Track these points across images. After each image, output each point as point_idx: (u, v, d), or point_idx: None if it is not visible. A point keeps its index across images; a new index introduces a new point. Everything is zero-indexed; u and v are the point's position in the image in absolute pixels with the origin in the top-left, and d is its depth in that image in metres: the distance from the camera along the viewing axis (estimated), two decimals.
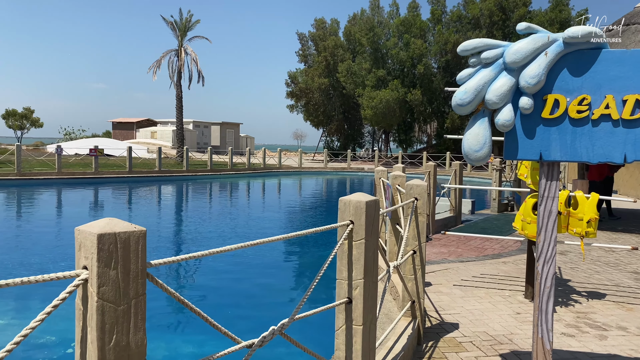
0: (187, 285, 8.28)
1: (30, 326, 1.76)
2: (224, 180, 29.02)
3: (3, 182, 22.58)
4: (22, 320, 6.38)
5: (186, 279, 8.67)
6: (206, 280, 8.50)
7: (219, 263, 9.30)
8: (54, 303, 1.79)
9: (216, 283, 8.27)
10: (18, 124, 64.66)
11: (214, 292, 7.72)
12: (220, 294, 7.65)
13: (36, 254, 9.92)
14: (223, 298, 7.48)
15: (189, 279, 8.68)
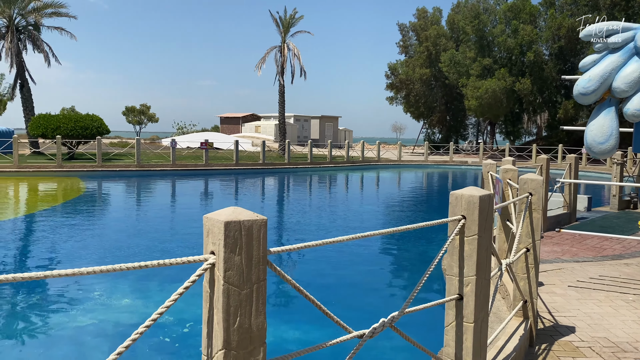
0: (296, 273, 8.54)
1: (165, 305, 1.92)
2: (324, 173, 29.49)
3: (125, 173, 24.71)
4: (143, 300, 6.96)
5: (295, 267, 8.94)
6: (312, 270, 8.72)
7: (323, 254, 9.49)
8: (185, 285, 1.94)
9: (320, 273, 8.45)
10: (137, 120, 70.30)
11: (319, 282, 7.91)
12: (325, 285, 7.81)
13: (157, 239, 10.76)
14: (328, 288, 7.64)
15: (298, 267, 8.95)
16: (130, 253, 9.42)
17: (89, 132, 28.30)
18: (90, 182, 21.92)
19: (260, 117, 64.09)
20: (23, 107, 33.23)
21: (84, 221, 13.00)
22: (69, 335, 5.69)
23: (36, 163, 25.05)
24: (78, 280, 7.55)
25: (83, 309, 6.47)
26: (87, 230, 11.78)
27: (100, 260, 8.84)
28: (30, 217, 13.60)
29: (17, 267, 8.65)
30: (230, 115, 64.21)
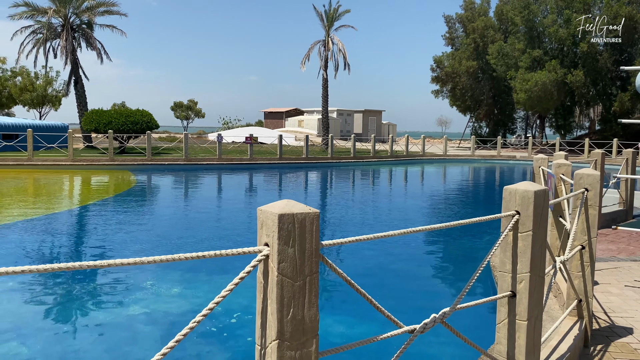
0: (343, 267, 8.56)
1: (222, 295, 1.96)
2: (367, 168, 29.37)
3: (173, 167, 25.36)
4: (191, 290, 7.13)
5: (342, 261, 8.96)
6: (358, 264, 8.72)
7: (368, 249, 9.47)
8: (240, 275, 1.97)
9: (366, 267, 8.44)
10: (184, 115, 71.93)
11: (365, 276, 7.90)
12: (371, 279, 7.80)
13: (206, 231, 11.01)
14: (374, 283, 7.62)
15: (345, 261, 8.97)
16: (180, 244, 9.67)
17: (139, 126, 29.19)
18: (140, 175, 22.62)
19: (303, 111, 64.39)
20: (77, 103, 34.60)
21: (136, 213, 13.44)
22: (122, 323, 5.90)
23: (89, 157, 26.05)
24: (129, 270, 7.82)
25: (135, 298, 6.70)
26: (139, 222, 12.17)
27: (152, 251, 9.12)
28: (85, 208, 14.17)
29: (73, 256, 9.04)
30: (273, 110, 64.79)
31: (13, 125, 31.75)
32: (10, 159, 23.97)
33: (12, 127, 31.41)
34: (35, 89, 51.39)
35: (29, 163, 23.71)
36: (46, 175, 21.84)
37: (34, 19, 33.73)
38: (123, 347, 5.30)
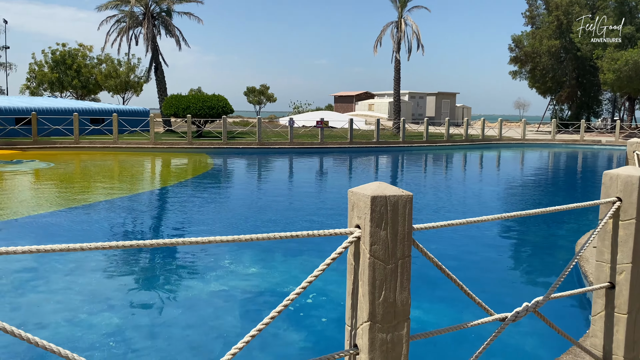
0: (435, 251, 8.47)
1: (314, 274, 1.98)
2: (440, 152, 28.71)
3: (247, 150, 26.02)
4: (268, 270, 7.31)
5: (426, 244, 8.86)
6: (444, 248, 8.58)
7: (452, 235, 9.30)
8: (332, 256, 1.98)
9: (452, 253, 8.29)
10: (257, 99, 73.35)
11: (451, 261, 7.76)
12: (456, 264, 7.65)
13: (284, 211, 11.23)
14: (460, 269, 7.47)
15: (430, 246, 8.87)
16: (259, 225, 9.91)
17: (215, 111, 30.12)
18: (216, 158, 23.40)
19: (373, 95, 63.75)
20: (157, 89, 36.19)
21: (216, 194, 13.94)
22: (203, 299, 6.16)
23: (169, 140, 27.25)
24: (208, 249, 8.13)
25: (215, 275, 6.96)
26: (218, 202, 12.62)
27: (232, 231, 9.43)
28: (168, 189, 14.86)
29: (159, 234, 9.52)
30: (343, 93, 64.62)
31: (100, 110, 33.76)
32: (98, 142, 25.54)
33: (99, 112, 33.40)
34: (118, 75, 54.25)
35: (114, 146, 25.17)
36: (130, 157, 23.10)
37: (118, 8, 35.50)
38: (208, 321, 5.54)
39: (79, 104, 35.62)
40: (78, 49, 53.79)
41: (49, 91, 54.12)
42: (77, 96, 54.52)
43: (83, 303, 5.88)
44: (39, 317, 5.47)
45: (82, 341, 4.94)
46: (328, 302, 6.14)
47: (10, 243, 8.24)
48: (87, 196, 13.01)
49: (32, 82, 54.17)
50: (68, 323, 5.34)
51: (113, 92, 55.61)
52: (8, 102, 30.89)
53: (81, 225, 9.74)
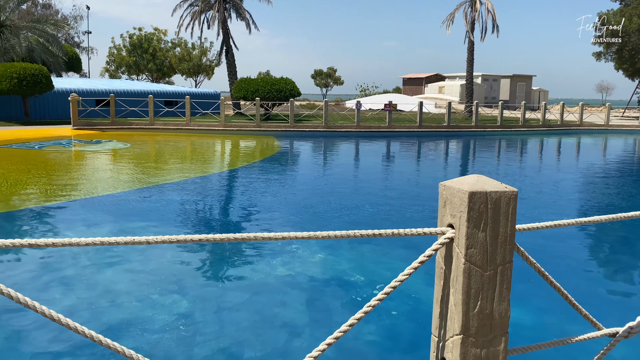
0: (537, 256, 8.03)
1: (399, 279, 1.75)
2: (515, 137, 27.39)
3: (314, 133, 25.98)
4: (334, 257, 7.14)
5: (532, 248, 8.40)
6: (540, 252, 8.08)
7: (547, 236, 8.74)
8: (420, 259, 1.75)
9: (551, 257, 7.78)
10: (324, 82, 73.26)
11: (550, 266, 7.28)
12: (559, 270, 7.16)
13: (353, 197, 11.04)
14: (565, 275, 6.98)
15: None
16: (328, 211, 9.78)
17: (283, 94, 30.28)
18: (284, 140, 23.54)
19: (444, 77, 61.85)
20: (228, 72, 36.84)
21: (284, 177, 13.97)
22: (270, 284, 6.09)
23: (238, 123, 27.71)
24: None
25: (282, 260, 6.89)
26: (288, 186, 12.61)
27: (306, 215, 9.36)
28: (240, 171, 15.06)
29: (228, 218, 9.61)
30: (413, 76, 63.15)
31: (173, 92, 34.87)
32: (171, 124, 26.38)
33: (173, 95, 34.50)
34: (191, 58, 55.82)
35: (186, 128, 25.90)
36: (201, 139, 23.69)
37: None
38: (272, 308, 5.47)
39: (154, 86, 36.98)
40: (153, 33, 55.78)
41: (126, 74, 56.63)
42: (152, 79, 56.71)
43: (149, 286, 5.97)
44: (112, 296, 5.61)
45: (152, 322, 5.00)
46: (401, 302, 5.90)
47: (92, 220, 8.59)
48: (162, 176, 13.41)
49: (111, 65, 56.87)
50: (139, 303, 5.44)
51: (186, 75, 57.34)
52: (89, 85, 32.55)
53: (156, 204, 10.00)
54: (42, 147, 18.79)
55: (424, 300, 5.66)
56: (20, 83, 24.81)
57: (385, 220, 9.19)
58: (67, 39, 49.65)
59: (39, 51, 30.42)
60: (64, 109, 28.92)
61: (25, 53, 29.40)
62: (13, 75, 24.68)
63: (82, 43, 58.28)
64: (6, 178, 12.32)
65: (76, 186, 11.52)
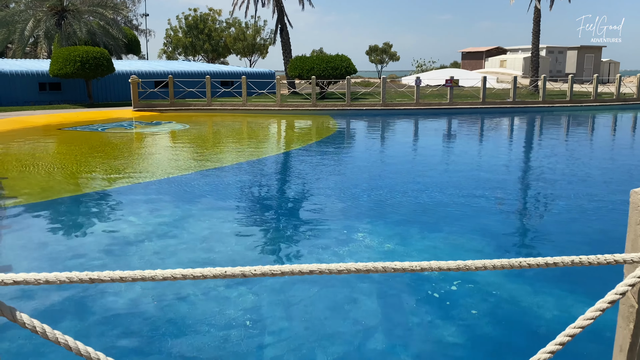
0: None
1: (579, 324, 1.25)
2: (587, 113, 25.63)
3: (371, 112, 25.27)
4: (404, 247, 6.62)
5: None
6: None
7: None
8: (609, 298, 1.23)
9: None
10: (379, 59, 71.70)
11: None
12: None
13: (418, 184, 10.44)
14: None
15: None
16: (400, 198, 9.25)
17: (339, 72, 29.61)
18: (340, 119, 23.00)
19: (506, 50, 59.01)
20: (282, 50, 36.44)
21: (348, 157, 13.48)
22: (336, 276, 5.68)
23: (294, 102, 27.37)
24: (344, 222, 7.64)
25: (348, 250, 6.46)
26: (353, 167, 12.13)
27: (377, 199, 8.88)
28: (298, 152, 14.70)
29: (293, 204, 9.26)
30: (472, 49, 60.60)
31: (229, 72, 34.92)
32: (228, 104, 26.38)
33: (229, 75, 34.55)
34: (245, 38, 55.85)
35: (243, 108, 25.81)
36: (258, 119, 23.53)
37: None
38: (343, 305, 5.05)
39: (210, 67, 37.19)
40: (208, 14, 56.10)
41: (183, 55, 57.44)
42: (207, 59, 57.27)
43: (214, 282, 5.68)
44: (178, 287, 5.37)
45: (219, 316, 4.70)
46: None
47: (158, 202, 8.46)
48: (221, 158, 13.24)
49: (169, 47, 57.81)
50: (204, 296, 5.16)
51: (240, 55, 57.51)
52: (148, 66, 33.07)
53: (217, 186, 9.79)
54: (105, 129, 19.15)
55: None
56: (83, 66, 25.42)
57: (473, 208, 8.54)
58: (125, 22, 50.76)
59: (100, 34, 31.11)
60: (125, 90, 29.54)
61: (87, 37, 30.13)
62: (76, 59, 25.30)
63: (140, 26, 59.51)
64: (71, 162, 12.50)
65: (138, 169, 11.52)
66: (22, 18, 29.88)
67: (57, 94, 28.19)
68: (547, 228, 7.59)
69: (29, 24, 29.72)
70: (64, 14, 30.18)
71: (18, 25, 29.59)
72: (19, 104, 26.51)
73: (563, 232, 7.32)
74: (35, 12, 30.14)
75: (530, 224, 7.98)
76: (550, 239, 7.06)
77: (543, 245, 6.85)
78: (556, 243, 6.90)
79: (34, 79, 27.31)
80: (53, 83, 27.95)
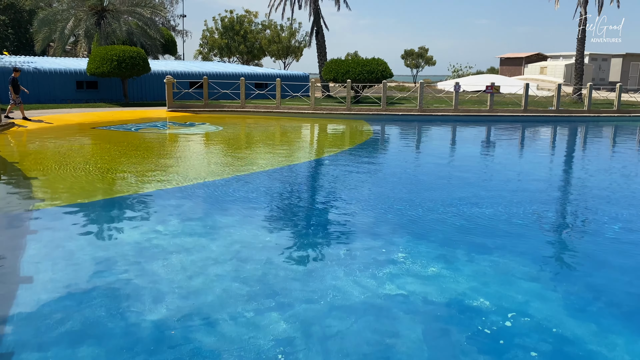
0: None
1: None
2: (636, 124, 24.35)
3: (407, 117, 24.61)
4: (451, 271, 6.05)
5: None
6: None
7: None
8: None
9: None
10: (414, 63, 70.70)
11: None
12: None
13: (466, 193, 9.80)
14: None
15: None
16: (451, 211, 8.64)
17: (374, 76, 29.03)
18: (376, 125, 22.41)
19: (546, 56, 57.30)
20: (317, 53, 36.08)
21: (386, 166, 12.91)
22: (376, 304, 5.15)
23: (328, 106, 26.90)
24: (379, 240, 7.11)
25: (388, 272, 5.92)
26: (391, 176, 11.56)
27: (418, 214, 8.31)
28: (333, 158, 14.19)
29: (328, 215, 8.75)
30: (511, 55, 59.08)
31: (263, 74, 34.73)
32: (262, 106, 26.11)
33: (263, 77, 34.37)
34: (281, 40, 55.75)
35: (277, 110, 25.49)
36: (292, 122, 23.14)
37: None
38: (386, 338, 4.52)
39: (244, 68, 37.11)
40: (245, 15, 56.26)
41: (218, 56, 57.74)
42: (242, 61, 57.42)
43: (245, 295, 5.23)
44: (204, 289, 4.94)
45: (248, 344, 4.23)
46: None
47: (185, 210, 8.09)
48: (256, 163, 12.86)
49: (204, 48, 58.21)
50: (232, 320, 4.71)
51: (275, 57, 57.46)
52: (184, 67, 33.16)
53: (250, 193, 9.36)
54: (139, 129, 19.07)
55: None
56: (119, 65, 25.55)
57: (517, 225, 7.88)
58: (163, 23, 51.30)
59: (138, 34, 31.31)
60: (160, 90, 29.63)
61: (125, 36, 30.35)
62: (113, 58, 25.44)
63: (177, 26, 60.17)
64: (103, 164, 12.31)
65: (169, 173, 11.22)
66: (63, 17, 30.32)
67: (94, 93, 28.47)
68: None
69: (70, 23, 30.12)
70: (103, 14, 30.49)
71: (59, 24, 30.03)
72: (57, 102, 26.85)
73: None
74: (76, 11, 30.54)
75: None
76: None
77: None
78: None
79: (71, 77, 27.64)
80: (90, 82, 28.23)
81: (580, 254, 6.93)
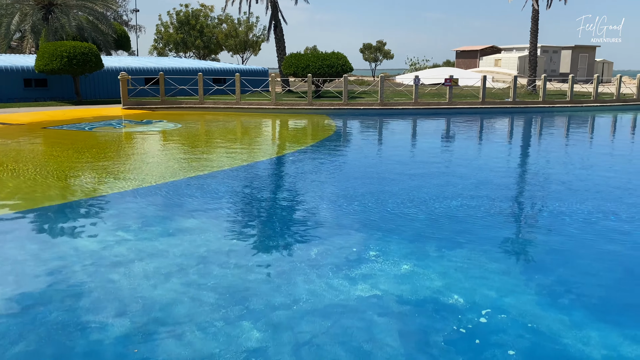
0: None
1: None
2: (587, 114, 25.15)
3: (369, 111, 24.60)
4: (423, 269, 5.97)
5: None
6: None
7: None
8: None
9: None
10: (372, 57, 70.97)
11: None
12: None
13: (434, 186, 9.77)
14: None
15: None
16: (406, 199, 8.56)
17: (335, 70, 28.92)
18: (338, 119, 22.30)
19: (500, 49, 58.64)
20: (276, 47, 35.64)
21: (351, 160, 12.78)
22: (350, 305, 5.00)
23: (289, 101, 26.61)
24: (351, 240, 6.96)
25: (360, 273, 5.78)
26: (356, 171, 11.44)
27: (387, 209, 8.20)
28: (298, 154, 13.97)
29: (294, 214, 8.54)
30: (467, 48, 60.18)
31: (222, 69, 34.09)
32: (221, 102, 25.58)
33: (221, 72, 33.73)
34: (238, 35, 54.91)
35: (237, 106, 25.02)
36: (254, 118, 22.76)
37: None
38: (364, 345, 4.36)
39: (202, 64, 36.31)
40: (200, 10, 55.10)
41: (174, 51, 56.39)
42: (199, 56, 56.26)
43: (213, 310, 4.97)
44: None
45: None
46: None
47: (144, 214, 7.72)
48: (217, 162, 12.50)
49: (159, 43, 56.72)
50: (202, 332, 4.45)
51: (232, 51, 56.58)
52: (138, 63, 32.15)
53: (210, 194, 9.04)
54: (93, 128, 18.32)
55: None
56: (70, 62, 24.51)
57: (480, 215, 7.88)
58: (115, 18, 49.63)
59: (89, 30, 30.14)
60: (114, 87, 28.64)
61: (75, 32, 29.15)
62: (63, 54, 24.37)
63: (130, 21, 58.33)
64: (56, 166, 11.70)
65: (127, 174, 10.74)
66: (8, 12, 28.84)
67: (44, 91, 27.23)
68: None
69: (15, 18, 28.69)
70: (51, 8, 29.17)
71: (4, 19, 28.55)
72: (3, 101, 25.55)
73: None
74: (22, 5, 29.11)
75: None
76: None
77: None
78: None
79: (18, 74, 26.34)
80: (39, 79, 26.99)
81: (532, 242, 6.98)
